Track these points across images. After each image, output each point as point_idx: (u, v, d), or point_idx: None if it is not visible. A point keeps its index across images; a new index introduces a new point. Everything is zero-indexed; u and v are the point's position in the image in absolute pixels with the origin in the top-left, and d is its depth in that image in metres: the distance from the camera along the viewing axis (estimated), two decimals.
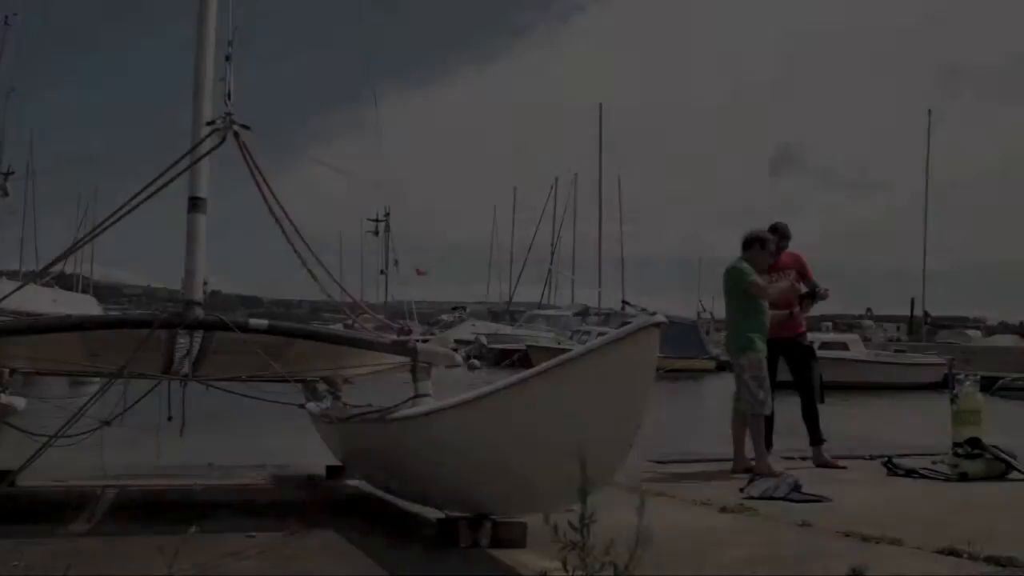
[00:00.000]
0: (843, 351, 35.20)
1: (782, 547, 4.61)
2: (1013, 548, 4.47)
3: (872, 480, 7.64)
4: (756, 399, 7.82)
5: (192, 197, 5.21)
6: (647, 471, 8.54)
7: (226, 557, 4.19)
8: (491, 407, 3.96)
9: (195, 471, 8.45)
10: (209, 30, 5.42)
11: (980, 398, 8.94)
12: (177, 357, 6.22)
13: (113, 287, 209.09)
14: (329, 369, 7.37)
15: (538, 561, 4.14)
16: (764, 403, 7.83)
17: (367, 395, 6.79)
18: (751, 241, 8.26)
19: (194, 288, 5.15)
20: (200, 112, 5.33)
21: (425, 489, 4.76)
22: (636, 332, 3.40)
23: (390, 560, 4.23)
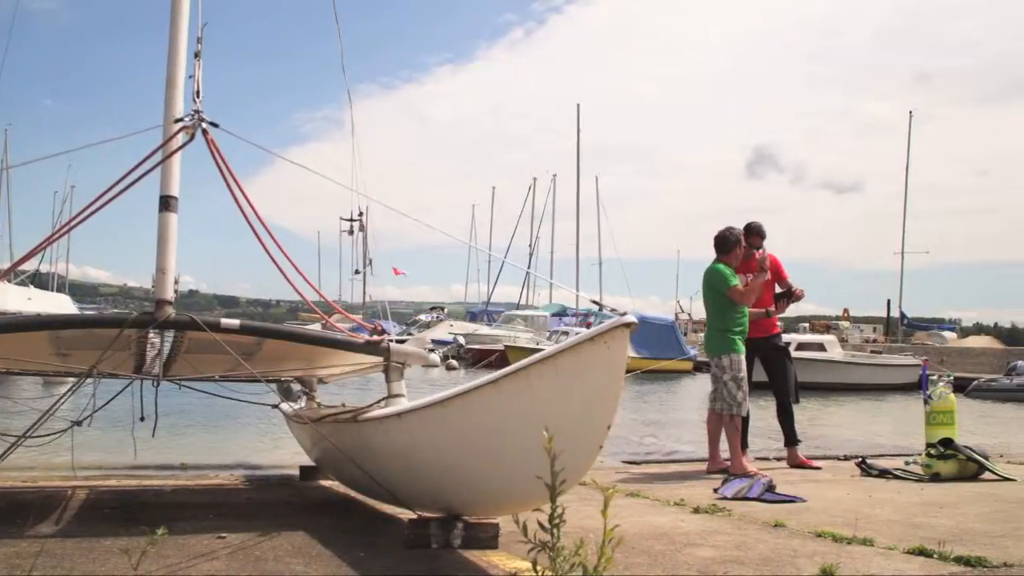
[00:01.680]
0: (820, 352, 35.36)
1: (754, 547, 4.60)
2: (983, 548, 4.51)
3: (846, 480, 7.67)
4: (735, 400, 7.84)
5: (163, 196, 5.16)
6: (622, 471, 8.57)
7: (195, 558, 4.16)
8: (462, 408, 3.94)
9: (168, 471, 8.40)
10: (181, 27, 5.37)
11: (953, 399, 9.02)
12: (149, 357, 6.18)
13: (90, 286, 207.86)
14: (303, 369, 7.34)
15: (509, 561, 4.14)
16: (742, 404, 7.86)
17: (353, 395, 6.77)
18: (724, 241, 8.29)
19: (165, 287, 5.10)
20: (172, 110, 5.29)
21: (397, 490, 4.74)
22: (606, 332, 3.39)
23: (360, 561, 4.21)
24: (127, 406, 5.94)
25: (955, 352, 47.57)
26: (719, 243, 8.33)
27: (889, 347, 52.57)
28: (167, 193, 5.15)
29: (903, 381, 33.95)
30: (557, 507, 2.78)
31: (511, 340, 44.17)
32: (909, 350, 48.52)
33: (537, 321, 56.71)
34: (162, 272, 5.11)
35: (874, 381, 35.40)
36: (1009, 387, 31.44)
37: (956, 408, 9.08)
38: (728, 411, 7.88)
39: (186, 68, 5.40)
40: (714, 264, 8.24)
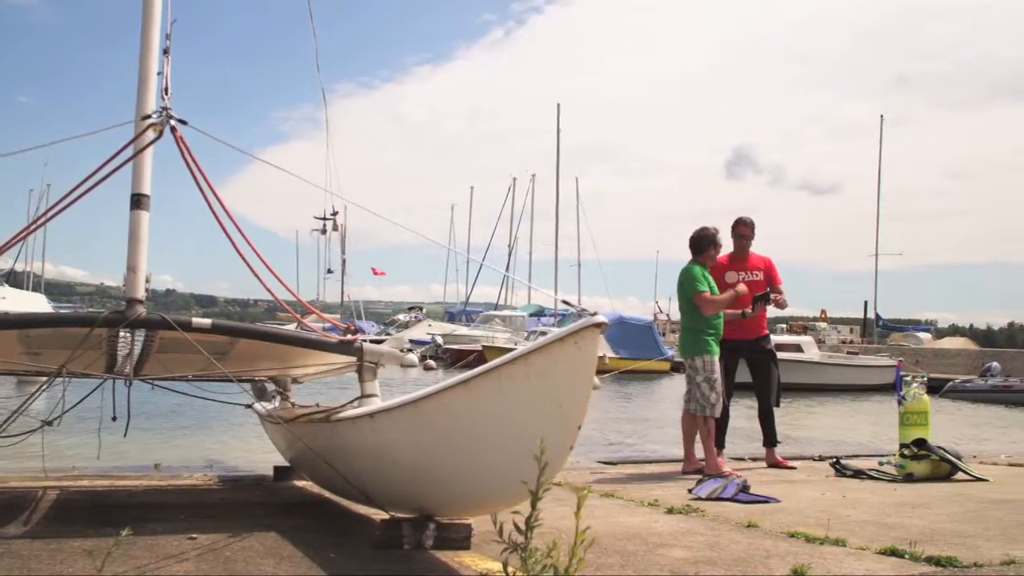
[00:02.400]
0: (797, 353, 35.53)
1: (726, 548, 4.60)
2: (954, 548, 4.53)
3: (820, 481, 7.70)
4: (707, 401, 7.86)
5: (135, 194, 5.11)
6: (597, 472, 8.57)
7: (165, 559, 4.12)
8: (433, 408, 3.92)
9: (141, 471, 8.34)
10: (153, 24, 5.33)
11: (926, 400, 9.08)
12: (120, 356, 6.13)
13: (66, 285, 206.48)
14: (276, 369, 7.30)
15: (482, 562, 4.12)
16: (715, 405, 7.88)
17: (337, 395, 6.73)
18: (698, 242, 8.32)
19: (136, 286, 5.05)
20: (143, 106, 5.24)
21: (370, 490, 4.72)
22: (577, 332, 3.38)
23: (331, 562, 4.18)
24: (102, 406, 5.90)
25: (930, 353, 47.93)
26: (693, 243, 8.35)
27: (865, 348, 52.90)
28: (138, 191, 5.10)
29: (879, 382, 34.19)
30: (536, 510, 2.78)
31: (489, 340, 44.18)
32: (885, 351, 48.86)
33: (515, 321, 56.75)
34: (133, 271, 5.06)
35: (850, 382, 35.64)
36: (983, 388, 31.70)
37: (930, 409, 9.14)
38: (701, 412, 7.90)
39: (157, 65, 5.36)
40: (688, 264, 8.25)
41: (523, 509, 2.83)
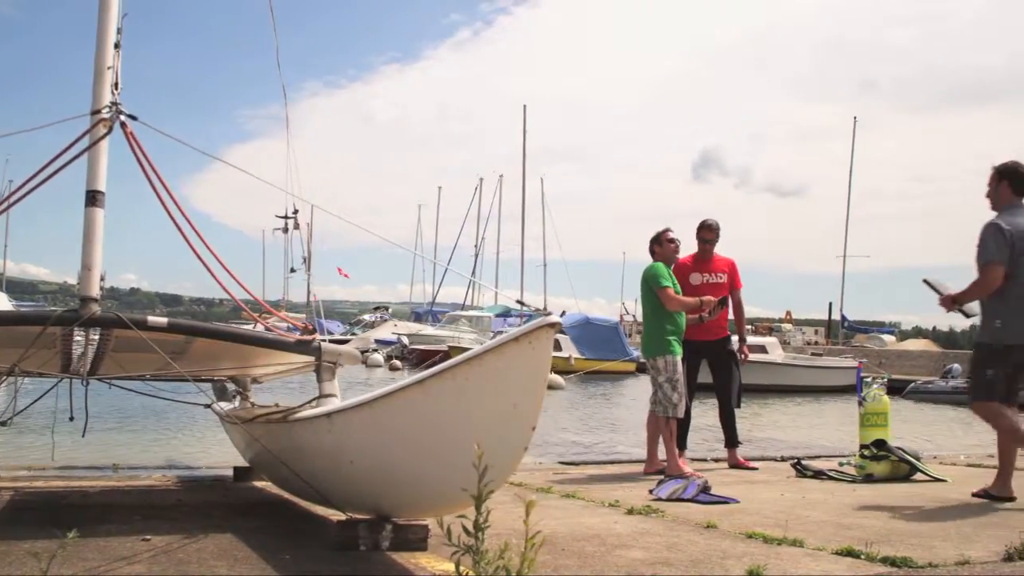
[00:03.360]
0: (761, 354, 35.70)
1: (684, 549, 4.60)
2: (910, 548, 4.55)
3: (781, 482, 7.73)
4: (670, 402, 7.87)
5: (89, 191, 5.04)
6: (559, 472, 8.57)
7: (116, 561, 4.07)
8: (388, 408, 3.90)
9: (99, 472, 8.26)
10: (110, 18, 5.26)
11: (886, 401, 9.14)
12: (75, 356, 6.05)
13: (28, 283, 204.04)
14: (236, 368, 7.25)
15: (438, 564, 4.10)
16: (677, 406, 7.89)
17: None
18: (651, 244, 8.39)
19: (90, 284, 4.98)
20: (99, 102, 5.17)
21: (327, 491, 4.68)
22: (531, 332, 3.37)
23: (286, 563, 4.14)
24: (62, 406, 5.83)
25: (893, 355, 48.41)
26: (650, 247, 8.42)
27: (830, 350, 53.32)
28: (93, 188, 5.04)
29: (842, 383, 34.44)
30: (482, 512, 2.75)
31: (455, 340, 44.11)
32: (849, 352, 49.28)
33: (481, 322, 56.71)
34: (88, 269, 4.99)
35: (813, 383, 35.89)
36: (945, 389, 32.03)
37: (890, 410, 9.19)
38: (663, 413, 7.91)
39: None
40: (652, 266, 8.27)
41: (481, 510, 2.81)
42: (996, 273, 6.43)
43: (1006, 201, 6.65)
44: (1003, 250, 6.39)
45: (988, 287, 6.48)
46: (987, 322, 6.65)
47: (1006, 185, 6.67)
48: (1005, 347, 6.53)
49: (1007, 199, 6.66)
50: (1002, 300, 6.49)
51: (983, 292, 6.55)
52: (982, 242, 6.52)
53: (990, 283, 6.45)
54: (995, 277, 6.43)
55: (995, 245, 6.43)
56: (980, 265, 6.52)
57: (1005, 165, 6.70)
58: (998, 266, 6.41)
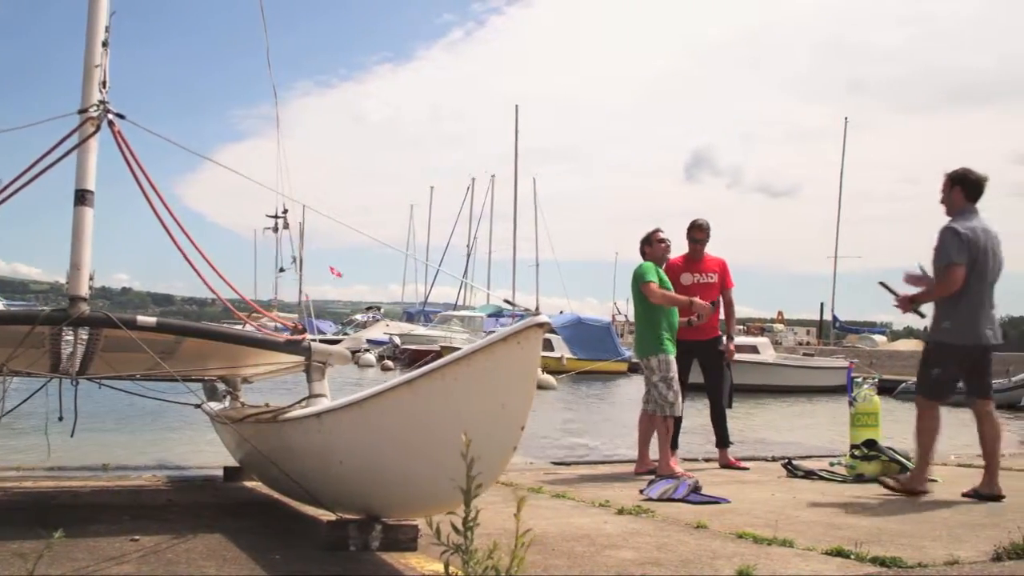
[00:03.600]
0: (753, 354, 35.77)
1: (674, 549, 4.60)
2: (900, 548, 4.56)
3: (772, 482, 7.73)
4: (666, 400, 7.86)
5: (78, 190, 5.03)
6: (551, 472, 8.56)
7: (105, 561, 4.05)
8: (378, 408, 3.89)
9: (89, 472, 8.22)
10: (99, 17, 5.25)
11: (877, 401, 9.15)
12: (64, 355, 6.03)
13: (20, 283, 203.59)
14: (226, 368, 7.23)
15: (428, 564, 4.09)
16: (674, 404, 7.88)
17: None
18: (641, 244, 8.40)
19: (79, 283, 4.97)
20: (88, 100, 5.16)
21: (316, 491, 4.67)
22: (519, 332, 3.36)
23: (275, 563, 4.13)
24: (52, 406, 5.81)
25: (884, 355, 48.51)
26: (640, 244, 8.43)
27: (821, 350, 53.40)
28: (82, 187, 5.02)
29: (833, 383, 34.48)
30: (471, 510, 2.74)
31: (447, 340, 44.09)
32: (841, 353, 49.35)
33: (473, 322, 56.67)
34: (76, 268, 4.98)
35: (805, 383, 35.94)
36: None
37: (880, 410, 9.21)
38: (660, 412, 7.89)
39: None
40: (640, 266, 8.26)
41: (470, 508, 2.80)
42: (958, 274, 6.63)
43: (959, 206, 6.89)
44: (962, 253, 6.60)
45: (949, 288, 6.67)
46: (936, 323, 6.87)
47: (958, 191, 6.90)
48: (953, 347, 6.78)
49: (960, 204, 6.89)
50: (953, 302, 6.71)
51: (944, 293, 6.74)
52: (941, 245, 6.74)
53: (951, 284, 6.67)
54: (957, 278, 6.63)
55: (955, 248, 6.65)
56: (941, 267, 6.72)
57: (956, 172, 6.96)
58: (959, 268, 6.63)
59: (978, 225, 6.78)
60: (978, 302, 6.75)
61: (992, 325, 6.82)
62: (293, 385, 9.61)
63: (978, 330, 6.75)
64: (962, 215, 6.82)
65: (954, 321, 6.74)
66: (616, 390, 32.25)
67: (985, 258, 6.73)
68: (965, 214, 6.84)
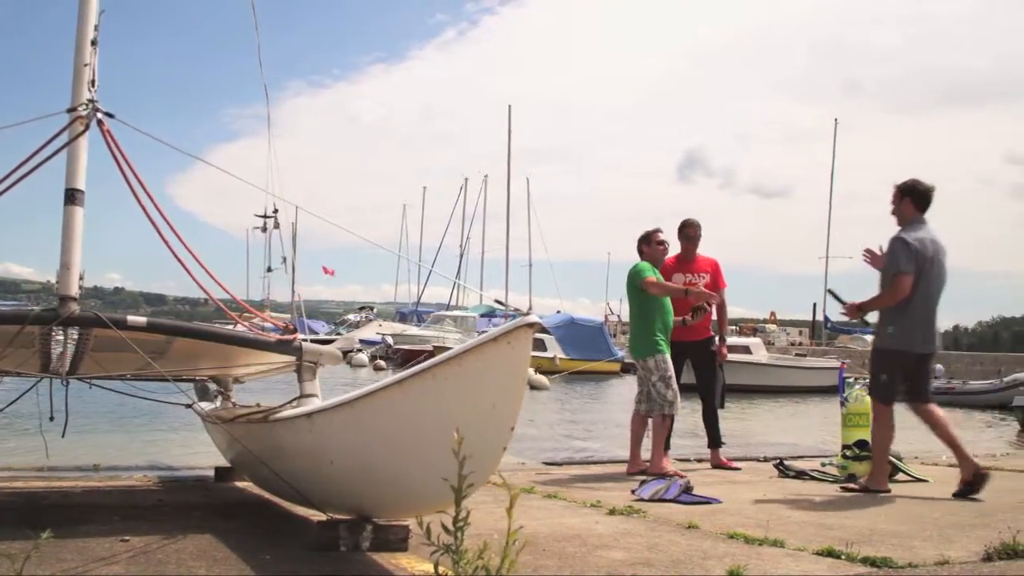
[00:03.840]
0: (745, 354, 35.79)
1: (665, 549, 4.59)
2: (890, 549, 4.56)
3: (763, 482, 7.74)
4: (665, 399, 7.86)
5: (68, 189, 5.01)
6: (542, 472, 8.55)
7: (94, 562, 4.04)
8: (368, 408, 3.88)
9: (80, 472, 8.21)
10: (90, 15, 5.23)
11: (868, 401, 9.13)
12: (54, 355, 6.01)
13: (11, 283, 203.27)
14: (217, 368, 7.21)
15: (418, 564, 4.08)
16: (673, 403, 7.89)
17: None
18: (639, 243, 8.38)
19: (69, 283, 4.95)
20: (78, 99, 5.14)
21: (307, 491, 4.66)
22: (509, 332, 3.36)
23: (265, 564, 4.12)
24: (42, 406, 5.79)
25: None
26: (637, 247, 8.42)
27: (813, 350, 53.46)
28: (72, 186, 5.01)
29: (825, 383, 34.51)
30: (462, 510, 2.74)
31: (439, 340, 44.08)
32: (833, 353, 49.44)
33: (466, 322, 56.68)
34: (66, 268, 4.96)
35: (797, 383, 36.00)
36: None
37: (871, 410, 9.21)
38: (660, 411, 7.89)
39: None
40: (635, 265, 8.26)
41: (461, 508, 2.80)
42: (906, 283, 6.88)
43: (909, 216, 7.16)
44: (911, 262, 6.88)
45: (897, 296, 6.91)
46: (882, 328, 7.12)
47: (908, 202, 7.18)
48: (896, 352, 7.03)
49: (910, 215, 7.16)
50: (898, 309, 6.95)
51: (892, 301, 6.97)
52: (891, 254, 6.98)
53: (899, 292, 6.91)
54: (905, 286, 6.88)
55: (904, 257, 6.90)
56: (890, 275, 6.95)
57: (906, 183, 7.23)
58: (908, 276, 6.88)
59: (926, 236, 7.03)
60: (922, 310, 7.01)
61: (933, 333, 7.12)
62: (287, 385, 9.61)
63: (919, 337, 7.03)
64: (912, 225, 7.10)
65: (898, 327, 6.99)
66: (609, 390, 32.27)
67: (932, 268, 7.01)
68: (915, 224, 7.10)
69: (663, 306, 8.16)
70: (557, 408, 22.44)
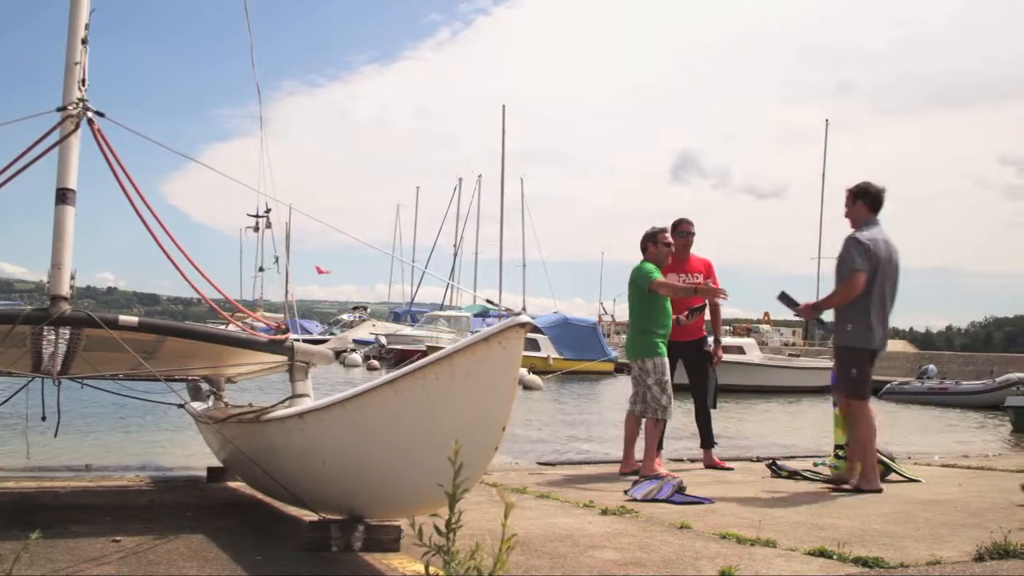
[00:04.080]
0: (739, 355, 35.83)
1: (657, 549, 4.60)
2: (882, 549, 4.56)
3: (756, 482, 7.74)
4: (659, 404, 7.82)
5: (60, 188, 5.00)
6: (536, 473, 8.55)
7: (85, 562, 4.03)
8: (361, 407, 3.88)
9: (71, 472, 8.19)
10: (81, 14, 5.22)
11: None
12: (46, 355, 6.00)
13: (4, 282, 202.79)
14: (209, 368, 7.20)
15: (410, 564, 4.08)
16: (667, 408, 7.85)
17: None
18: (645, 241, 8.29)
19: (60, 283, 4.94)
20: (69, 98, 5.13)
21: (299, 491, 4.65)
22: (501, 332, 3.36)
23: (257, 564, 4.11)
24: (34, 405, 5.78)
25: None
26: (642, 245, 8.34)
27: (807, 350, 53.51)
28: (63, 186, 5.00)
29: (818, 384, 34.59)
30: (454, 511, 2.74)
31: (433, 340, 44.08)
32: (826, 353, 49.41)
33: (460, 322, 56.64)
34: (57, 267, 4.95)
35: (790, 383, 36.04)
36: (920, 390, 32.26)
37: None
38: (653, 415, 7.85)
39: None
40: (640, 265, 8.18)
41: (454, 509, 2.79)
42: (860, 280, 7.11)
43: (863, 218, 7.42)
44: (866, 260, 7.13)
45: (852, 293, 7.13)
46: (840, 326, 7.36)
47: (861, 204, 7.46)
48: (857, 349, 7.30)
49: (863, 216, 7.42)
50: (855, 307, 7.17)
51: (846, 299, 7.20)
52: (846, 253, 7.23)
53: (854, 289, 7.13)
54: (859, 284, 7.11)
55: (859, 256, 7.14)
56: (844, 273, 7.16)
57: (858, 186, 7.50)
58: (862, 274, 7.11)
59: (879, 236, 7.26)
60: (877, 308, 7.24)
61: (887, 333, 7.42)
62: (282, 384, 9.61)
63: (877, 335, 7.30)
64: (865, 226, 7.34)
65: (855, 325, 7.23)
66: (602, 390, 32.26)
67: (887, 267, 7.24)
68: (868, 225, 7.34)
69: (665, 308, 8.11)
70: (551, 408, 22.42)
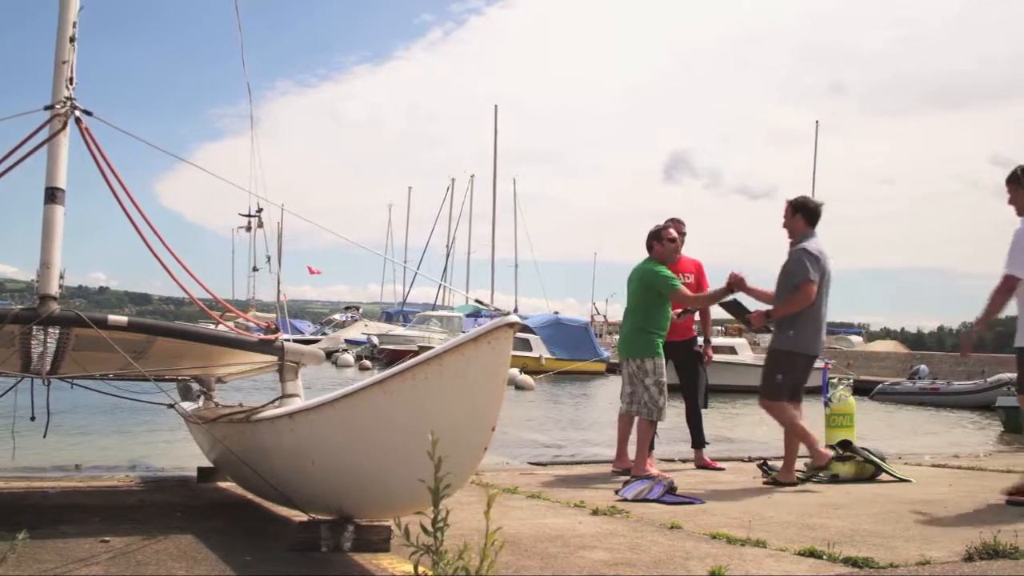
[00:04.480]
0: (731, 355, 35.83)
1: (648, 550, 4.59)
2: (872, 549, 4.56)
3: (747, 482, 7.75)
4: (656, 405, 7.77)
5: (49, 188, 4.98)
6: (527, 473, 8.54)
7: (74, 563, 4.02)
8: (349, 408, 3.87)
9: (61, 472, 8.17)
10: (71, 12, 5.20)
11: (852, 402, 9.20)
12: (35, 355, 5.98)
13: None
14: (200, 368, 7.18)
15: (400, 564, 4.08)
16: (662, 409, 7.80)
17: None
18: (650, 240, 8.19)
19: (49, 282, 4.93)
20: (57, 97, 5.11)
21: (289, 491, 4.65)
22: (490, 332, 3.35)
23: (246, 564, 4.11)
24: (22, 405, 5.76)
25: (861, 356, 48.70)
26: (648, 244, 8.23)
27: None
28: (52, 185, 4.98)
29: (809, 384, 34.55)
30: (440, 510, 2.73)
31: (425, 341, 44.03)
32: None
33: (452, 322, 56.59)
34: (46, 266, 4.94)
35: None
36: (912, 390, 32.30)
37: (855, 411, 9.25)
38: (648, 416, 7.80)
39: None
40: (653, 264, 8.10)
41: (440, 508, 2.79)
42: (812, 290, 7.36)
43: (801, 231, 7.63)
44: (816, 271, 7.39)
45: (804, 302, 7.38)
46: (782, 332, 7.53)
47: (800, 218, 7.66)
48: (798, 355, 7.50)
49: (802, 229, 7.63)
50: (801, 313, 7.43)
51: (798, 307, 7.40)
52: (796, 264, 7.47)
53: (806, 299, 7.37)
54: (812, 294, 7.36)
55: (809, 266, 7.38)
56: (796, 284, 7.41)
57: (797, 200, 7.75)
58: (813, 284, 7.36)
59: (820, 247, 7.55)
60: (818, 316, 7.53)
61: (824, 338, 7.78)
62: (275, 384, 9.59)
63: (817, 341, 7.61)
64: (806, 238, 7.57)
65: (797, 331, 7.43)
66: (595, 390, 32.27)
67: (827, 277, 7.54)
68: (807, 238, 7.58)
69: (667, 311, 8.03)
70: (543, 408, 22.42)
